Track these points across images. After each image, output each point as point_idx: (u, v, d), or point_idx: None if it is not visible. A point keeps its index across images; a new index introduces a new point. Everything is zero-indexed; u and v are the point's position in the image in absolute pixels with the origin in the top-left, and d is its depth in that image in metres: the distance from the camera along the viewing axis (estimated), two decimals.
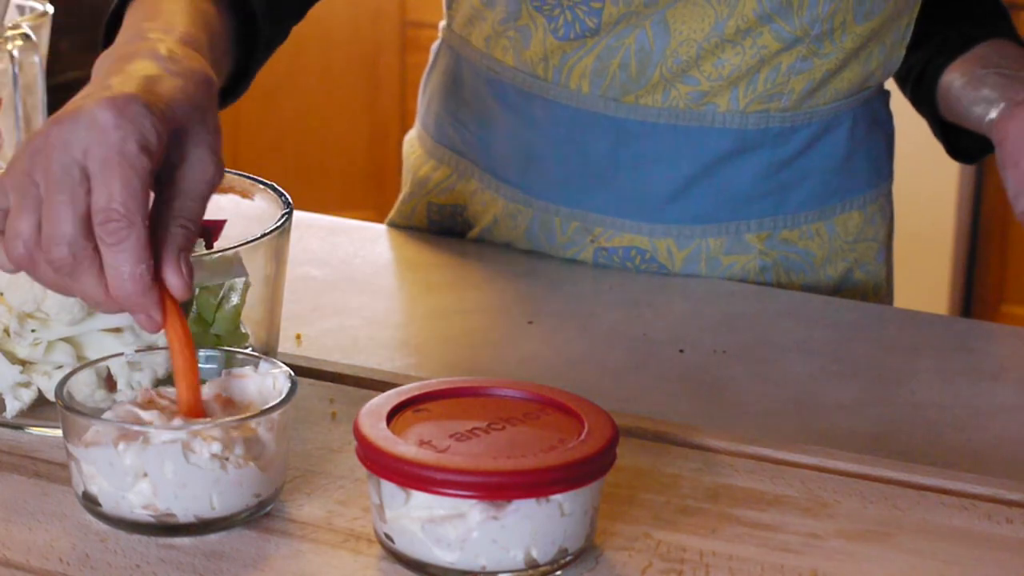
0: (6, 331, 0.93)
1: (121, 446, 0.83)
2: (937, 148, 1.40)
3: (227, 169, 1.06)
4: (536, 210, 1.32)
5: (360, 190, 3.71)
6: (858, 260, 1.34)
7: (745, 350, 1.16)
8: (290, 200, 1.01)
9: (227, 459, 0.83)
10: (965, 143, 1.35)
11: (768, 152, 1.28)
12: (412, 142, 1.45)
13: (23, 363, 0.94)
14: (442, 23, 1.39)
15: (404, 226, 1.41)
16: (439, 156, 1.38)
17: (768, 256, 1.30)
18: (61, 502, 0.87)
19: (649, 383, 1.10)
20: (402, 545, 0.81)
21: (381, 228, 1.41)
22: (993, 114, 1.22)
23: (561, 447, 0.81)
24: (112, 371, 0.90)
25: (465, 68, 1.35)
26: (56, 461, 0.92)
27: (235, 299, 0.96)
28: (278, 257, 0.99)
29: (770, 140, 1.28)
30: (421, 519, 0.80)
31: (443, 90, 1.38)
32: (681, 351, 1.15)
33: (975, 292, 3.15)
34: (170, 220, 0.84)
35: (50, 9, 1.29)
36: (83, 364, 0.90)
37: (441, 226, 1.39)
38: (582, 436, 0.81)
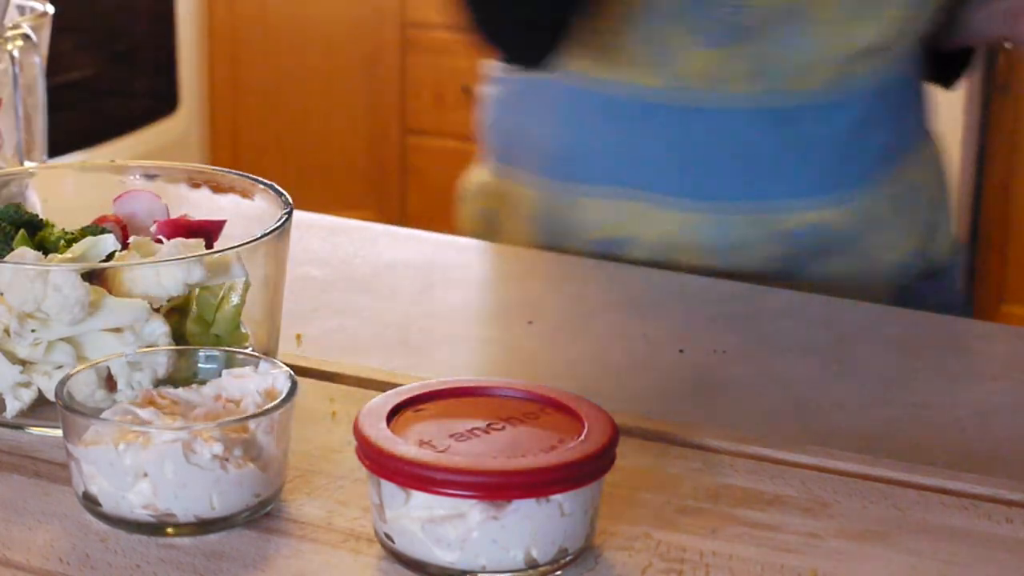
0: (6, 331, 0.93)
1: (121, 446, 0.83)
2: None
3: (227, 169, 1.06)
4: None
5: (360, 190, 3.72)
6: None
7: (745, 350, 1.16)
8: (290, 200, 1.01)
9: (227, 459, 0.83)
10: (947, 68, 1.41)
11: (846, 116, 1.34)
12: (488, 185, 1.44)
13: (23, 363, 0.94)
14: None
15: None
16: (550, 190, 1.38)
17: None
18: (61, 502, 0.87)
19: (649, 383, 1.10)
20: (402, 545, 0.81)
21: (381, 228, 1.41)
22: None
23: (561, 447, 0.80)
24: (112, 371, 0.90)
25: (589, 101, 1.35)
26: (56, 461, 0.92)
27: (235, 299, 0.96)
28: (278, 257, 0.99)
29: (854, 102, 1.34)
30: (421, 519, 0.80)
31: (553, 130, 1.38)
32: (681, 351, 1.15)
33: (975, 292, 3.15)
34: None
35: (50, 9, 1.28)
36: (83, 364, 0.90)
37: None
38: (582, 436, 0.81)
